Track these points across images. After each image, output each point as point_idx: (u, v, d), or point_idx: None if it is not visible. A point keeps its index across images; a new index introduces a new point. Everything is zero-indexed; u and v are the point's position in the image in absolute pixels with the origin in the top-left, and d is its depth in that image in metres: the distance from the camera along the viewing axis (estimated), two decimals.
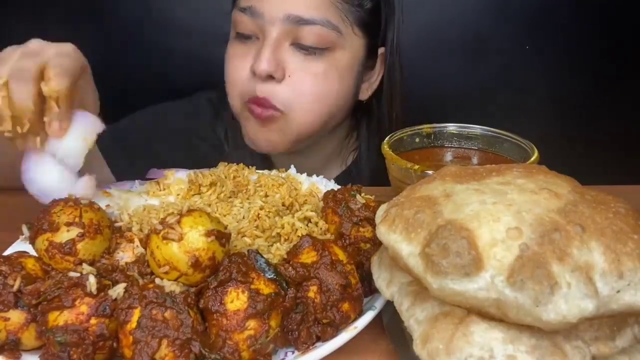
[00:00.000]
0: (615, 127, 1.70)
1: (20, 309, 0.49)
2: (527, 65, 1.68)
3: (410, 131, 0.79)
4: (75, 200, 0.59)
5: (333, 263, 0.52)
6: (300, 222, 0.65)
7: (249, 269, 0.49)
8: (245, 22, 0.89)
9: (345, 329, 0.52)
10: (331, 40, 0.88)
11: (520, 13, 1.64)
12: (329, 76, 0.90)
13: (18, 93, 0.60)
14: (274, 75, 0.87)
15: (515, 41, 1.66)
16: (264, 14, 0.86)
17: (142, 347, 0.44)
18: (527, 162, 0.69)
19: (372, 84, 1.01)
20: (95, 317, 0.47)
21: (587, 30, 1.66)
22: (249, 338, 0.46)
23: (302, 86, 0.88)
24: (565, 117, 1.71)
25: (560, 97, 1.72)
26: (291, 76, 0.88)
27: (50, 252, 0.56)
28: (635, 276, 0.41)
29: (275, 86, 0.88)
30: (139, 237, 0.60)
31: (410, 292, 0.49)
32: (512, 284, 0.40)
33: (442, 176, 0.51)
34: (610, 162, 1.55)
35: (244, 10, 0.88)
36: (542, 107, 1.72)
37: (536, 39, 1.66)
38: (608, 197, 0.46)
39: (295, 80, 0.88)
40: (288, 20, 0.85)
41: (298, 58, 0.88)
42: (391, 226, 0.48)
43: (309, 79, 0.88)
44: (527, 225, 0.42)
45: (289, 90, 0.88)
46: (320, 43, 0.87)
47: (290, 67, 0.88)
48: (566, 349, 0.41)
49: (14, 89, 0.60)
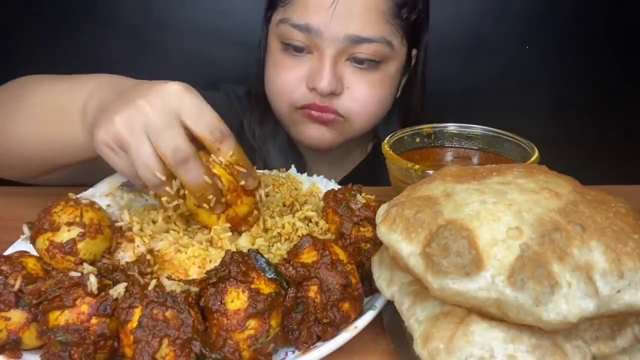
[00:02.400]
0: (615, 127, 1.70)
1: (21, 309, 0.49)
2: (527, 65, 1.68)
3: (411, 131, 0.79)
4: (75, 200, 0.59)
5: (333, 263, 0.52)
6: (300, 221, 0.65)
7: (249, 269, 0.49)
8: (298, 37, 0.90)
9: (345, 328, 0.52)
10: (385, 55, 0.92)
11: (520, 13, 1.65)
12: (383, 84, 0.95)
13: (187, 175, 0.56)
14: (335, 92, 0.91)
15: (515, 41, 1.67)
16: (322, 33, 0.88)
17: (143, 346, 0.44)
18: (528, 162, 0.69)
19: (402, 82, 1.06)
20: (96, 317, 0.47)
21: (587, 30, 1.66)
22: (249, 338, 0.46)
23: (361, 96, 0.93)
24: (566, 117, 1.71)
25: (560, 97, 1.72)
26: (349, 87, 0.92)
27: (51, 252, 0.56)
28: (635, 276, 0.41)
29: (335, 98, 0.92)
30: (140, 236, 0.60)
31: (410, 291, 0.49)
32: (512, 283, 0.40)
33: (442, 176, 0.51)
34: (610, 162, 1.55)
35: (298, 27, 0.89)
36: (542, 107, 1.72)
37: (536, 39, 1.66)
38: (608, 197, 0.46)
39: (353, 91, 0.92)
40: (347, 39, 0.88)
41: (354, 71, 0.92)
42: (392, 226, 0.48)
43: (366, 88, 0.93)
44: (527, 225, 0.42)
45: (349, 99, 0.93)
46: (375, 57, 0.91)
47: (347, 79, 0.92)
48: (566, 348, 0.42)
49: (181, 172, 0.56)
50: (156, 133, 0.55)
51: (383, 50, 0.91)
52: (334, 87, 0.90)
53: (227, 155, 0.59)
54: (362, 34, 0.88)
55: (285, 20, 0.91)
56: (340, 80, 0.91)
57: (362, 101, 0.93)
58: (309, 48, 0.91)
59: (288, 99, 0.95)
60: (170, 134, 0.55)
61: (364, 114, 0.95)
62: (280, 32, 0.93)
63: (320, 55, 0.90)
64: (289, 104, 0.95)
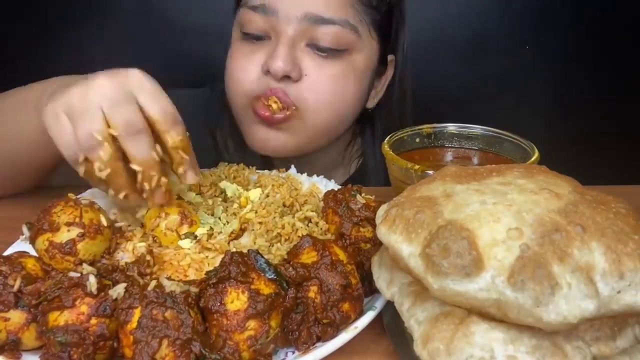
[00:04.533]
0: (615, 127, 1.70)
1: (20, 309, 0.49)
2: (527, 65, 1.68)
3: (411, 131, 0.79)
4: (75, 200, 0.59)
5: (333, 263, 0.52)
6: (300, 222, 0.65)
7: (249, 269, 0.49)
8: (256, 21, 0.85)
9: (345, 329, 0.52)
10: (349, 41, 0.86)
11: (520, 13, 1.65)
12: (346, 77, 0.88)
13: (136, 148, 0.58)
14: (291, 75, 0.83)
15: (515, 41, 1.67)
16: (278, 11, 0.83)
17: (142, 347, 0.44)
18: (528, 162, 0.69)
19: (379, 92, 0.99)
20: (95, 317, 0.47)
21: (587, 30, 1.66)
22: (249, 338, 0.46)
23: (320, 85, 0.85)
24: (566, 117, 1.71)
25: (560, 97, 1.72)
26: (308, 75, 0.85)
27: (50, 252, 0.56)
28: (635, 276, 0.41)
29: (291, 85, 0.85)
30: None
31: (410, 292, 0.49)
32: (512, 284, 0.40)
33: (442, 176, 0.51)
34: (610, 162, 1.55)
35: (255, 9, 0.85)
36: (542, 107, 1.72)
37: (536, 39, 1.66)
38: (609, 197, 0.46)
39: (312, 80, 0.85)
40: (305, 19, 0.83)
41: (314, 59, 0.85)
42: (392, 226, 0.48)
43: (327, 79, 0.86)
44: (527, 225, 0.42)
45: (306, 87, 0.85)
46: (337, 44, 0.85)
47: (306, 67, 0.85)
48: (567, 349, 0.41)
49: (131, 144, 0.57)
50: (112, 105, 0.56)
51: (346, 35, 0.84)
52: (289, 69, 0.82)
53: (175, 139, 0.60)
54: (321, 13, 0.82)
55: (243, 4, 0.88)
56: (298, 65, 0.84)
57: (320, 91, 0.85)
58: (267, 34, 0.86)
59: (242, 88, 0.88)
60: (126, 108, 0.57)
61: (321, 107, 0.86)
62: (239, 19, 0.89)
63: (277, 37, 0.85)
64: (242, 94, 0.88)
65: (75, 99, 0.57)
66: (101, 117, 0.56)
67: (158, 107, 0.59)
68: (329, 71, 0.86)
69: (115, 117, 0.56)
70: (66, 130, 0.57)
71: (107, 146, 0.57)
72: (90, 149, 0.57)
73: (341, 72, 0.86)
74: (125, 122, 0.56)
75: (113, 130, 0.56)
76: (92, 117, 0.56)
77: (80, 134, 0.56)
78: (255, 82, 0.86)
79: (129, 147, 0.57)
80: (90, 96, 0.56)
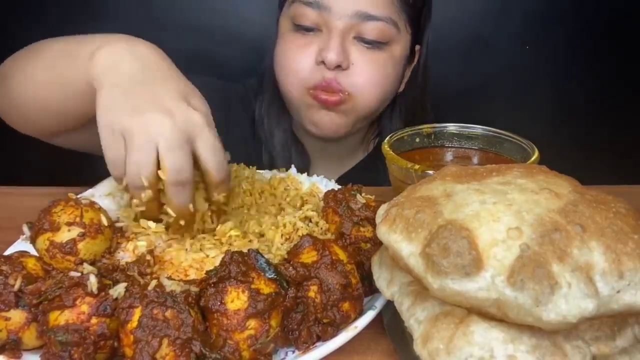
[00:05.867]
0: (615, 127, 1.70)
1: (21, 309, 0.49)
2: (527, 65, 1.68)
3: (411, 131, 0.79)
4: (76, 200, 0.60)
5: (333, 263, 0.52)
6: (301, 221, 0.65)
7: (249, 269, 0.49)
8: (309, 14, 0.93)
9: (345, 328, 0.52)
10: (391, 35, 0.95)
11: (520, 13, 1.65)
12: (388, 66, 0.98)
13: (178, 196, 0.59)
14: (342, 65, 0.93)
15: (515, 41, 1.67)
16: (332, 8, 0.92)
17: (143, 346, 0.44)
18: (528, 162, 0.69)
19: (405, 78, 1.08)
20: (96, 317, 0.47)
21: (588, 30, 1.66)
22: (249, 338, 0.46)
23: (365, 71, 0.95)
24: (566, 117, 1.71)
25: (560, 97, 1.72)
26: (355, 64, 0.95)
27: (51, 252, 0.56)
28: (635, 276, 0.41)
29: (342, 73, 0.94)
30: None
31: (410, 291, 0.49)
32: (512, 283, 0.40)
33: (442, 176, 0.51)
34: (610, 162, 1.55)
35: (309, 4, 0.93)
36: (542, 107, 1.72)
37: (536, 39, 1.66)
38: (608, 197, 0.46)
39: (359, 68, 0.95)
40: (356, 15, 0.92)
41: (360, 49, 0.95)
42: (392, 226, 0.48)
43: (371, 67, 0.95)
44: (527, 225, 0.42)
45: (354, 75, 0.95)
46: (382, 38, 0.94)
47: (353, 56, 0.94)
48: (566, 348, 0.42)
49: (173, 191, 0.58)
50: (168, 148, 0.56)
51: (389, 30, 0.94)
52: (341, 59, 0.92)
53: (219, 197, 0.63)
54: (370, 11, 0.92)
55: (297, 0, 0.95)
56: (347, 55, 0.94)
57: (366, 76, 0.95)
58: (318, 26, 0.94)
59: (298, 78, 0.96)
60: (180, 155, 0.57)
61: (368, 90, 0.96)
62: (292, 12, 0.96)
63: (329, 30, 0.93)
64: (299, 84, 0.97)
65: (135, 130, 0.56)
66: (154, 160, 0.57)
67: (214, 162, 0.60)
68: (373, 60, 0.95)
69: (167, 160, 0.56)
70: (119, 153, 0.58)
71: (150, 192, 0.58)
72: (134, 187, 0.58)
73: (383, 61, 0.97)
74: (175, 170, 0.57)
75: (162, 174, 0.57)
76: (146, 157, 0.56)
77: (129, 169, 0.57)
78: (310, 72, 0.95)
79: (171, 193, 0.58)
80: (150, 131, 0.56)
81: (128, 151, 0.57)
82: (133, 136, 0.56)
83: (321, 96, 0.95)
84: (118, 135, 0.57)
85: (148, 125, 0.56)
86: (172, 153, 0.56)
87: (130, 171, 0.57)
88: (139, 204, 0.59)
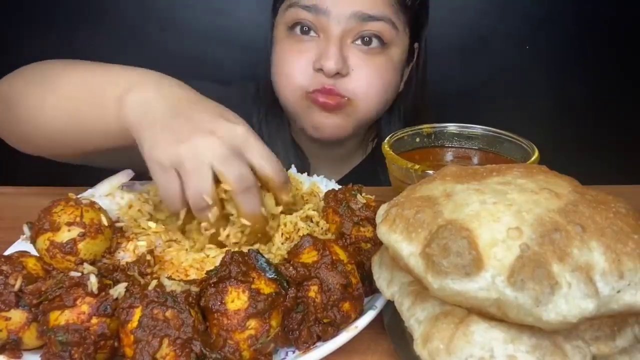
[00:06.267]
0: (615, 127, 1.70)
1: (21, 309, 0.49)
2: (527, 65, 1.68)
3: (411, 131, 0.79)
4: (76, 200, 0.59)
5: (334, 263, 0.52)
6: (301, 221, 0.65)
7: (249, 269, 0.49)
8: (307, 19, 0.92)
9: (345, 328, 0.52)
10: (390, 36, 0.94)
11: (520, 13, 1.65)
12: (387, 70, 0.97)
13: (247, 203, 0.58)
14: (341, 72, 0.92)
15: (515, 41, 1.67)
16: (330, 11, 0.90)
17: (143, 346, 0.44)
18: (528, 162, 0.69)
19: (404, 78, 1.07)
20: (96, 317, 0.47)
21: (588, 30, 1.66)
22: (249, 338, 0.46)
23: (366, 77, 0.94)
24: (566, 117, 1.71)
25: (560, 97, 1.72)
26: (355, 70, 0.93)
27: (51, 252, 0.56)
28: (635, 276, 0.41)
29: (341, 79, 0.93)
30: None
31: (410, 291, 0.49)
32: (512, 283, 0.40)
33: (442, 176, 0.52)
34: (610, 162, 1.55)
35: (306, 8, 0.92)
36: (542, 107, 1.72)
37: (536, 39, 1.66)
38: (608, 197, 0.46)
39: (358, 74, 0.93)
40: (354, 17, 0.90)
41: (359, 54, 0.93)
42: (392, 226, 0.48)
43: (371, 72, 0.94)
44: (527, 225, 0.42)
45: (354, 80, 0.94)
46: (381, 39, 0.93)
47: (352, 62, 0.93)
48: (566, 348, 0.42)
49: (242, 199, 0.58)
50: (223, 162, 0.56)
51: (388, 30, 0.93)
52: (340, 67, 0.90)
53: (288, 199, 0.63)
54: (368, 11, 0.91)
55: (294, 4, 0.93)
56: (346, 61, 0.92)
57: (367, 83, 0.94)
58: (315, 29, 0.93)
59: (296, 84, 0.95)
60: (237, 163, 0.57)
61: (368, 96, 0.95)
62: (288, 17, 0.95)
63: (327, 36, 0.92)
64: (297, 90, 0.95)
65: (184, 156, 0.56)
66: (211, 178, 0.56)
67: (271, 167, 0.60)
68: (372, 65, 0.94)
69: (227, 172, 0.56)
70: (175, 186, 0.57)
71: (216, 210, 0.58)
72: (199, 210, 0.58)
73: (383, 65, 0.95)
74: (237, 178, 0.57)
75: (226, 186, 0.57)
76: (203, 177, 0.56)
77: (190, 194, 0.57)
78: (309, 79, 0.94)
79: (240, 202, 0.58)
80: (201, 156, 0.56)
81: (184, 179, 0.57)
82: (184, 163, 0.56)
83: (320, 99, 0.93)
84: (170, 169, 0.57)
85: (196, 149, 0.56)
86: (229, 164, 0.56)
87: (191, 196, 0.57)
88: (208, 227, 0.59)
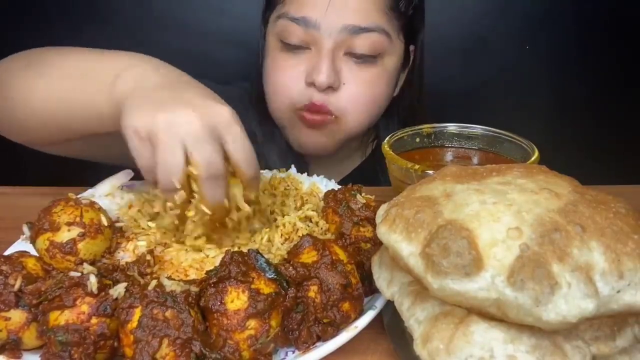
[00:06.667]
0: (615, 127, 1.70)
1: (21, 309, 0.49)
2: (527, 65, 1.68)
3: (411, 131, 0.79)
4: (75, 200, 0.60)
5: (333, 263, 0.52)
6: (301, 221, 0.65)
7: (249, 269, 0.49)
8: (297, 32, 0.90)
9: (345, 328, 0.52)
10: (383, 46, 0.91)
11: (520, 13, 1.65)
12: (380, 81, 0.94)
13: (212, 191, 0.57)
14: (332, 86, 0.90)
15: (515, 41, 1.66)
16: (320, 25, 0.88)
17: (143, 346, 0.44)
18: (528, 162, 0.69)
19: (400, 81, 1.05)
20: (96, 317, 0.47)
21: (588, 30, 1.66)
22: (249, 338, 0.46)
23: (357, 93, 0.92)
24: (566, 117, 1.71)
25: (560, 97, 1.72)
26: (346, 84, 0.91)
27: (51, 252, 0.56)
28: (635, 276, 0.41)
29: (332, 94, 0.91)
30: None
31: (410, 291, 0.49)
32: (512, 283, 0.40)
33: (442, 176, 0.52)
34: (610, 162, 1.55)
35: (296, 21, 0.89)
36: (542, 107, 1.72)
37: (536, 39, 1.66)
38: (608, 197, 0.46)
39: (349, 88, 0.91)
40: (345, 30, 0.88)
41: (351, 66, 0.91)
42: (391, 226, 0.48)
43: (363, 87, 0.92)
44: (527, 225, 0.42)
45: (345, 96, 0.92)
46: (374, 50, 0.90)
47: (345, 75, 0.91)
48: (566, 348, 0.42)
49: (207, 187, 0.56)
50: (196, 142, 0.54)
51: (381, 41, 0.90)
52: (332, 81, 0.89)
53: (253, 194, 0.61)
54: (359, 23, 0.88)
55: (282, 15, 0.91)
56: (338, 74, 0.90)
57: (357, 100, 0.92)
58: (307, 44, 0.91)
59: (287, 98, 0.94)
60: (210, 148, 0.55)
61: (358, 113, 0.94)
62: (278, 29, 0.92)
63: (318, 50, 0.90)
64: (287, 103, 0.94)
65: (159, 126, 0.54)
66: (182, 160, 0.54)
67: (244, 157, 0.58)
68: (364, 77, 0.92)
69: (197, 155, 0.54)
70: (147, 155, 0.56)
71: (183, 193, 0.57)
72: (167, 190, 0.57)
73: (376, 76, 0.93)
74: (206, 163, 0.55)
75: (193, 169, 0.55)
76: (174, 156, 0.54)
77: (159, 172, 0.55)
78: (300, 93, 0.92)
79: (204, 189, 0.56)
80: (175, 129, 0.54)
81: (155, 153, 0.55)
82: (158, 134, 0.54)
83: (306, 116, 0.92)
84: (145, 139, 0.55)
85: (173, 120, 0.54)
86: (201, 147, 0.54)
87: (160, 174, 0.55)
88: (174, 207, 0.58)
